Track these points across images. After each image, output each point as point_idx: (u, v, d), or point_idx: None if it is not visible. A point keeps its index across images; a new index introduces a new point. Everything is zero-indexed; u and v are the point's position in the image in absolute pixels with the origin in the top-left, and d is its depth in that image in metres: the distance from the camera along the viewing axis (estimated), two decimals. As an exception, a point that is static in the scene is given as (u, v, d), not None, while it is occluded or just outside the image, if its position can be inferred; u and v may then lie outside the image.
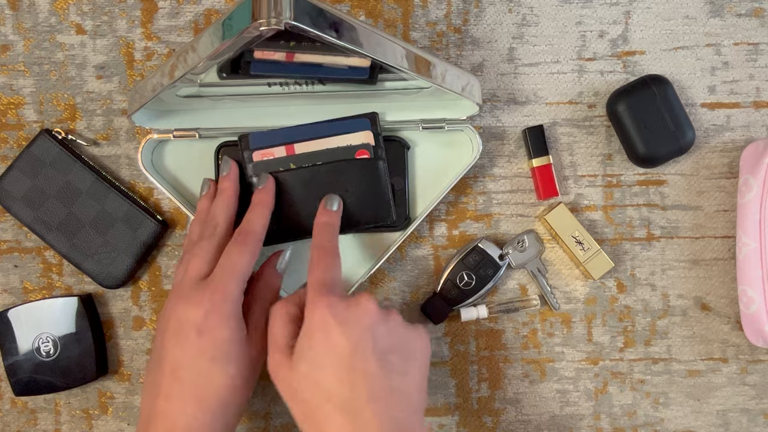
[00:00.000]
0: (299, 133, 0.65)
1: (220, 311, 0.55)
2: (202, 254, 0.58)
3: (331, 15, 0.52)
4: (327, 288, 0.54)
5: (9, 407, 0.69)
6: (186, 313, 0.56)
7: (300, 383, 0.52)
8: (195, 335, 0.55)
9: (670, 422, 0.70)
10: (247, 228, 0.60)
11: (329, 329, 0.52)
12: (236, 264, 0.57)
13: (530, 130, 0.68)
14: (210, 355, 0.55)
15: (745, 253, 0.65)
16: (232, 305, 0.56)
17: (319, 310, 0.53)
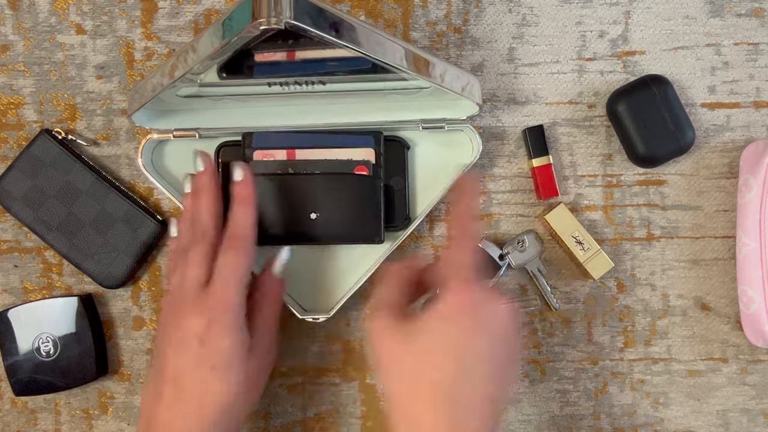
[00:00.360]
0: (303, 140, 0.65)
1: (222, 321, 0.55)
2: (197, 260, 0.58)
3: (331, 14, 0.52)
4: (469, 274, 0.52)
5: (9, 407, 0.69)
6: (188, 323, 0.56)
7: (411, 357, 0.50)
8: (197, 344, 0.55)
9: (670, 422, 0.70)
10: (236, 231, 0.59)
11: (464, 324, 0.50)
12: (234, 271, 0.57)
13: (530, 130, 0.68)
14: (211, 364, 0.55)
15: (745, 253, 0.65)
16: (234, 314, 0.56)
17: (460, 298, 0.50)
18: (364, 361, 0.70)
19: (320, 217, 0.65)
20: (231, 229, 0.59)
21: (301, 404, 0.70)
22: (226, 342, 0.55)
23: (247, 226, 0.59)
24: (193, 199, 0.62)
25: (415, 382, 0.50)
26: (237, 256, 0.57)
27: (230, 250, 0.58)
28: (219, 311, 0.55)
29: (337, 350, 0.70)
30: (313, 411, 0.70)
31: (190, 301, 0.56)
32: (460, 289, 0.51)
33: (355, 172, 0.65)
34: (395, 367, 0.52)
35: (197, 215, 0.60)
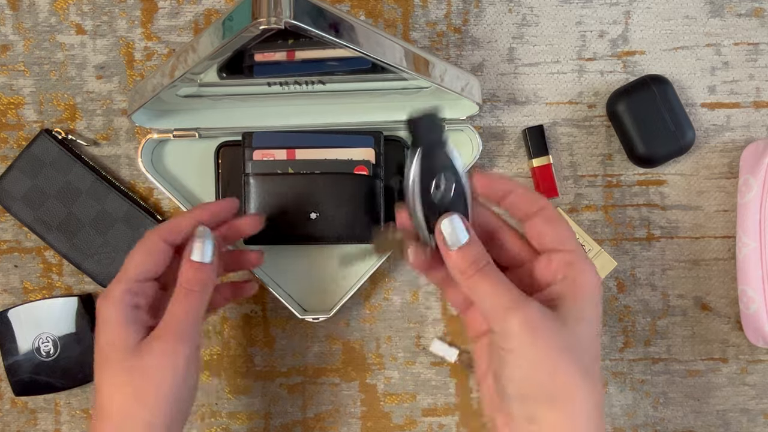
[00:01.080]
0: (303, 140, 0.65)
1: (102, 315, 0.53)
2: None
3: (330, 14, 0.52)
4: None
5: (9, 407, 0.69)
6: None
7: (580, 343, 0.45)
8: (95, 345, 0.53)
9: (670, 422, 0.70)
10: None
11: (597, 301, 0.47)
12: (124, 264, 0.54)
13: (530, 130, 0.68)
14: (97, 363, 0.53)
15: (745, 253, 0.65)
16: (113, 306, 0.52)
17: (594, 278, 0.47)
18: (364, 361, 0.70)
19: (320, 216, 0.65)
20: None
21: (301, 404, 0.70)
22: (105, 337, 0.52)
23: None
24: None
25: (587, 365, 0.46)
26: (133, 251, 0.54)
27: (135, 248, 0.55)
28: (101, 308, 0.53)
29: (337, 350, 0.70)
30: (313, 411, 0.70)
31: None
32: (589, 266, 0.48)
33: (355, 172, 0.65)
34: (569, 353, 0.45)
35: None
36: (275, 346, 0.70)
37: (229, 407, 0.70)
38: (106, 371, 0.52)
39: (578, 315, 0.46)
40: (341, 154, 0.65)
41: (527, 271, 0.50)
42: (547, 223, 0.49)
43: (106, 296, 0.53)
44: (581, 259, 0.48)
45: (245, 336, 0.70)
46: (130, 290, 0.53)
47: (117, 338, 0.52)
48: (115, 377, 0.51)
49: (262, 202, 0.64)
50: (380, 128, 0.66)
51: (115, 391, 0.51)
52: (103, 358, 0.52)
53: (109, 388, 0.52)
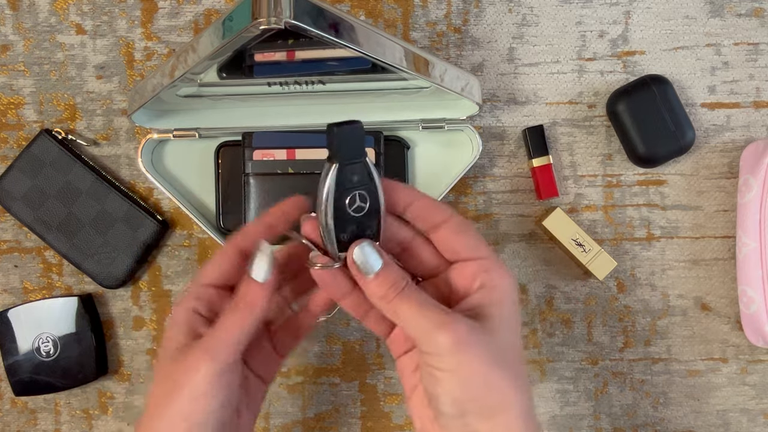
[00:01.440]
0: (303, 140, 0.65)
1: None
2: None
3: (330, 14, 0.52)
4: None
5: (9, 407, 0.69)
6: (167, 365, 0.50)
7: (507, 351, 0.46)
8: (171, 387, 0.49)
9: (670, 422, 0.70)
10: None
11: (516, 301, 0.48)
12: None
13: (530, 130, 0.68)
14: (176, 413, 0.48)
15: (745, 253, 0.65)
16: (175, 308, 0.50)
17: (510, 280, 0.48)
18: (364, 361, 0.70)
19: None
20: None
21: (301, 404, 0.70)
22: (164, 335, 0.50)
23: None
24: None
25: (514, 366, 0.46)
26: (215, 257, 0.51)
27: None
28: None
29: (337, 350, 0.70)
30: (313, 411, 0.70)
31: None
32: (503, 270, 0.48)
33: None
34: (498, 364, 0.45)
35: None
36: (275, 346, 0.70)
37: (229, 407, 0.70)
38: (155, 366, 0.50)
39: (501, 322, 0.47)
40: None
41: (443, 280, 0.50)
42: (456, 233, 0.49)
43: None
44: (495, 265, 0.48)
45: (245, 336, 0.69)
46: (194, 294, 0.50)
47: (165, 339, 0.50)
48: (156, 373, 0.50)
49: (262, 202, 0.64)
50: (380, 128, 0.66)
51: (153, 386, 0.49)
52: (158, 356, 0.52)
53: (152, 386, 0.49)
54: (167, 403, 0.48)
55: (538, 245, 0.69)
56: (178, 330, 0.49)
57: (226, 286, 0.50)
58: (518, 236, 0.69)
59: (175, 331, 0.49)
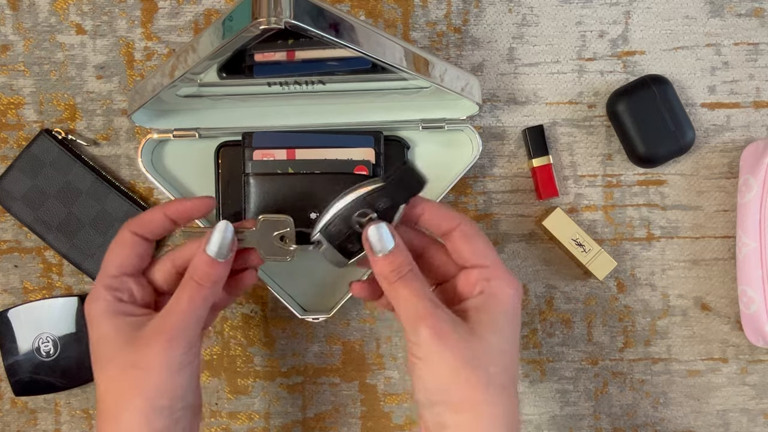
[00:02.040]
0: (303, 140, 0.65)
1: (89, 312, 0.52)
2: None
3: (330, 14, 0.52)
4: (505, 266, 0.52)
5: (9, 407, 0.69)
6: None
7: (486, 354, 0.47)
8: (90, 348, 0.53)
9: (670, 422, 0.70)
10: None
11: (518, 314, 0.50)
12: (103, 263, 0.53)
13: (530, 130, 0.68)
14: (92, 358, 0.52)
15: (745, 253, 0.65)
16: (96, 302, 0.52)
17: (513, 291, 0.50)
18: (364, 361, 0.70)
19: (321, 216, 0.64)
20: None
21: (301, 404, 0.70)
22: (94, 333, 0.52)
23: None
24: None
25: (498, 374, 0.48)
26: (113, 247, 0.54)
27: (110, 246, 0.54)
28: (87, 306, 0.53)
29: (337, 350, 0.70)
30: (313, 411, 0.70)
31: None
32: (508, 278, 0.50)
33: (355, 172, 0.65)
34: (476, 365, 0.47)
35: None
36: (275, 346, 0.70)
37: (229, 407, 0.70)
38: (102, 366, 0.51)
39: (489, 327, 0.48)
40: (341, 154, 0.65)
41: (452, 284, 0.53)
42: (464, 239, 0.51)
43: (89, 296, 0.53)
44: (498, 274, 0.50)
45: (245, 336, 0.70)
46: (108, 285, 0.53)
47: (107, 332, 0.51)
48: (110, 370, 0.51)
49: (262, 202, 0.64)
50: (380, 128, 0.66)
51: (110, 384, 0.51)
52: (97, 354, 0.52)
53: (105, 382, 0.51)
54: (139, 386, 0.49)
55: (538, 245, 0.69)
56: (111, 321, 0.51)
57: (133, 271, 0.54)
58: (518, 236, 0.69)
59: (108, 323, 0.51)
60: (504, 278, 0.50)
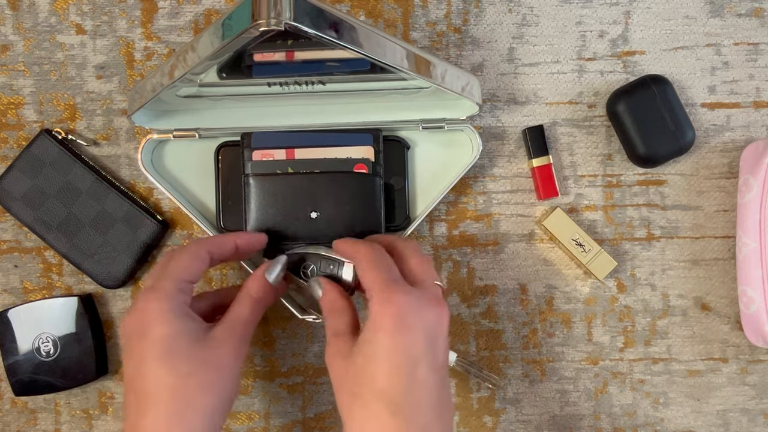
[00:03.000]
0: (302, 139, 0.65)
1: (155, 308, 0.53)
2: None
3: (330, 15, 0.52)
4: (395, 284, 0.53)
5: (9, 407, 0.69)
6: (128, 323, 0.54)
7: (354, 375, 0.51)
8: (137, 340, 0.53)
9: (670, 422, 0.70)
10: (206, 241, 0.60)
11: (396, 332, 0.51)
12: (171, 264, 0.56)
13: (530, 130, 0.68)
14: (154, 355, 0.52)
15: (745, 253, 0.65)
16: (168, 301, 0.54)
17: (389, 309, 0.51)
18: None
19: (321, 215, 0.65)
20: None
21: (301, 404, 0.70)
22: (164, 329, 0.53)
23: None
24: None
25: (362, 394, 0.51)
26: (181, 252, 0.57)
27: (179, 248, 0.58)
28: (150, 299, 0.54)
29: (337, 350, 0.70)
30: (313, 411, 0.70)
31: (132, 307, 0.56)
32: (384, 299, 0.52)
33: (355, 170, 0.65)
34: (344, 386, 0.52)
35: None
36: (275, 346, 0.70)
37: (229, 407, 0.70)
38: (170, 363, 0.52)
39: (361, 349, 0.52)
40: (340, 153, 0.65)
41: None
42: (359, 270, 0.56)
43: (156, 290, 0.54)
44: (373, 297, 0.53)
45: (245, 336, 0.70)
46: (179, 288, 0.55)
47: (179, 330, 0.53)
48: (180, 366, 0.52)
49: (262, 203, 0.64)
50: (380, 128, 0.66)
51: (177, 380, 0.52)
52: (161, 348, 0.53)
53: (168, 377, 0.52)
54: (209, 386, 0.53)
55: (538, 245, 0.69)
56: (183, 321, 0.54)
57: (195, 282, 0.57)
58: (518, 236, 0.69)
59: (180, 322, 0.54)
60: (378, 304, 0.52)
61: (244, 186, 0.64)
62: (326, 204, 0.65)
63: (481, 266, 0.69)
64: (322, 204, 0.65)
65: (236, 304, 0.58)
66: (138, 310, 0.54)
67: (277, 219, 0.65)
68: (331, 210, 0.65)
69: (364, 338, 0.52)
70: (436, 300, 0.53)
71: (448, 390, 0.53)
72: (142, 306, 0.54)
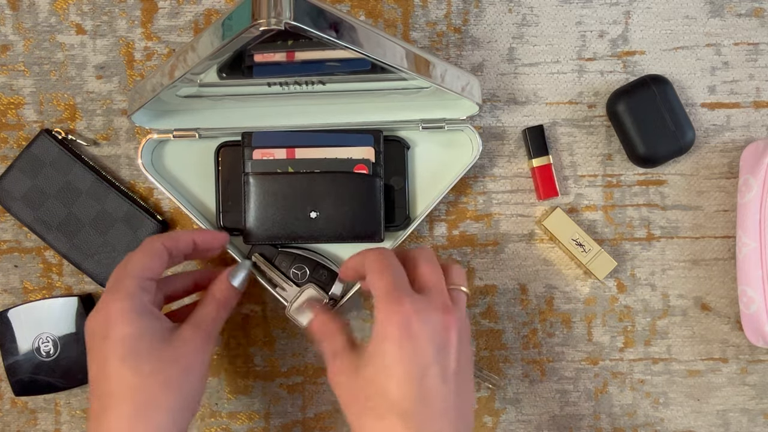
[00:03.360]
0: (302, 139, 0.65)
1: (117, 309, 0.53)
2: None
3: (330, 15, 0.52)
4: (400, 291, 0.52)
5: (9, 407, 0.69)
6: (90, 325, 0.54)
7: (364, 388, 0.51)
8: (100, 341, 0.53)
9: (670, 422, 0.70)
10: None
11: (401, 340, 0.50)
12: (130, 264, 0.56)
13: (530, 130, 0.68)
14: (117, 355, 0.52)
15: (745, 253, 0.65)
16: (130, 300, 0.53)
17: (394, 317, 0.50)
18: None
19: (320, 215, 0.65)
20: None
21: (301, 404, 0.70)
22: (127, 329, 0.52)
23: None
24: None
25: (375, 407, 0.50)
26: (139, 252, 0.57)
27: (136, 250, 0.58)
28: (113, 300, 0.53)
29: (337, 350, 0.70)
30: (313, 411, 0.70)
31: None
32: (389, 307, 0.51)
33: (355, 170, 0.65)
34: (355, 401, 0.52)
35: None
36: (275, 346, 0.70)
37: (229, 407, 0.70)
38: (133, 362, 0.52)
39: (369, 362, 0.51)
40: (341, 153, 0.65)
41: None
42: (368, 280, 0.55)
43: (117, 290, 0.54)
44: (378, 304, 0.52)
45: (245, 336, 0.70)
46: (141, 287, 0.55)
47: (141, 329, 0.53)
48: (143, 365, 0.52)
49: (262, 201, 0.64)
50: (380, 128, 0.66)
51: (140, 380, 0.52)
52: (123, 348, 0.52)
53: (137, 378, 0.52)
54: (173, 384, 0.53)
55: (538, 245, 0.69)
56: (147, 319, 0.54)
57: (155, 278, 0.57)
58: (518, 236, 0.69)
59: (143, 321, 0.54)
60: (383, 311, 0.51)
61: (244, 185, 0.64)
62: (326, 204, 0.65)
63: (481, 266, 0.69)
64: (321, 204, 0.65)
65: (201, 304, 0.59)
66: (100, 311, 0.54)
67: (276, 218, 0.65)
68: (331, 210, 0.65)
69: (371, 350, 0.51)
70: (443, 307, 0.52)
71: (465, 397, 0.52)
72: (104, 306, 0.54)
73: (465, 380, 0.53)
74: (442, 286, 0.54)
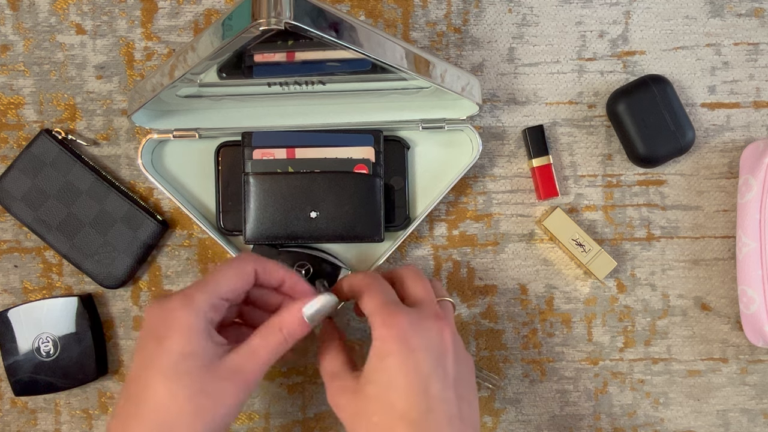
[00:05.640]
0: (302, 139, 0.65)
1: (180, 318, 0.50)
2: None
3: (330, 15, 0.52)
4: (393, 306, 0.52)
5: (9, 407, 0.69)
6: (151, 318, 0.52)
7: (369, 405, 0.51)
8: (153, 343, 0.51)
9: (670, 422, 0.70)
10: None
11: (403, 354, 0.50)
12: (213, 277, 0.53)
13: (530, 130, 0.68)
14: (160, 369, 0.50)
15: (745, 253, 0.65)
16: (196, 315, 0.51)
17: (392, 332, 0.51)
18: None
19: (320, 215, 0.65)
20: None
21: (301, 404, 0.70)
22: (180, 345, 0.50)
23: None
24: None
25: (381, 422, 0.50)
26: (224, 268, 0.54)
27: (223, 264, 0.54)
28: (180, 310, 0.51)
29: (337, 350, 0.70)
30: (313, 411, 0.70)
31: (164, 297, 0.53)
32: (385, 323, 0.51)
33: (355, 170, 0.65)
34: (360, 420, 0.52)
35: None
36: (275, 346, 0.70)
37: (229, 407, 0.70)
38: (169, 381, 0.50)
39: (372, 379, 0.52)
40: (341, 153, 0.65)
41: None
42: (361, 302, 0.55)
43: (189, 302, 0.51)
44: (374, 321, 0.52)
45: (245, 336, 0.70)
46: (213, 304, 0.52)
47: (197, 350, 0.50)
48: (181, 390, 0.50)
49: (261, 201, 0.64)
50: (380, 128, 0.66)
51: (173, 403, 0.50)
52: (169, 363, 0.50)
53: (166, 398, 0.50)
54: (204, 415, 0.50)
55: (538, 245, 0.69)
56: (204, 341, 0.51)
57: (234, 301, 0.55)
58: (518, 236, 0.69)
59: (200, 342, 0.51)
60: (378, 325, 0.52)
61: (244, 184, 0.64)
62: (326, 204, 0.65)
63: (481, 266, 0.69)
64: (321, 204, 0.65)
65: (261, 334, 0.53)
66: (166, 310, 0.51)
67: (276, 218, 0.65)
68: (331, 210, 0.65)
69: (372, 367, 0.51)
70: (435, 316, 0.53)
71: (468, 403, 0.53)
72: (171, 307, 0.51)
73: (467, 388, 0.53)
74: (432, 298, 0.55)
